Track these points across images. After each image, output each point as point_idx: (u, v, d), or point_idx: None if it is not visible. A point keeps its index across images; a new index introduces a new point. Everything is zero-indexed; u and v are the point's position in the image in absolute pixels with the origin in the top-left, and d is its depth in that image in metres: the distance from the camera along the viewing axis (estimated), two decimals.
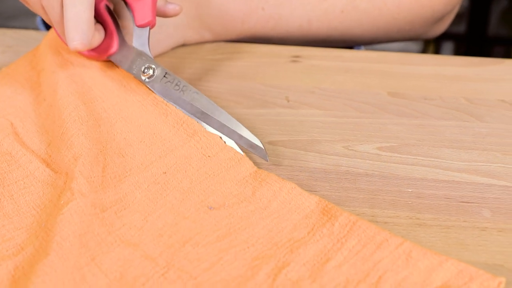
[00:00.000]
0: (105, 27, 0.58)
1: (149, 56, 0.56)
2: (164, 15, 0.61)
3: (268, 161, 0.50)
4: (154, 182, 0.47)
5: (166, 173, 0.48)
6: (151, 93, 0.55)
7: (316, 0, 0.69)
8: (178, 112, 0.53)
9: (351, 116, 0.57)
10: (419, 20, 0.72)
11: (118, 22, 0.58)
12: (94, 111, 0.54)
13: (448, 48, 1.95)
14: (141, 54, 0.56)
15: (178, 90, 0.54)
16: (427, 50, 1.89)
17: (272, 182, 0.46)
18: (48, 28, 0.86)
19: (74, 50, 0.53)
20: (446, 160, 0.51)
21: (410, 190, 0.48)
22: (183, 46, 0.69)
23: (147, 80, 0.55)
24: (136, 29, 0.57)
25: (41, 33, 0.72)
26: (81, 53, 0.58)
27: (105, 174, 0.48)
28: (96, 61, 0.58)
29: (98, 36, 0.56)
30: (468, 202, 0.47)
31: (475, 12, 1.75)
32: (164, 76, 0.55)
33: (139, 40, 0.57)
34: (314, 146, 0.53)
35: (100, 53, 0.57)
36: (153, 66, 0.55)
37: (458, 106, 0.58)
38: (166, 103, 0.54)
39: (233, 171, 0.48)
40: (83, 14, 0.52)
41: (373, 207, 0.47)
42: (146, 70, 0.55)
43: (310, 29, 0.70)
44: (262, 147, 0.50)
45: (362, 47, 0.86)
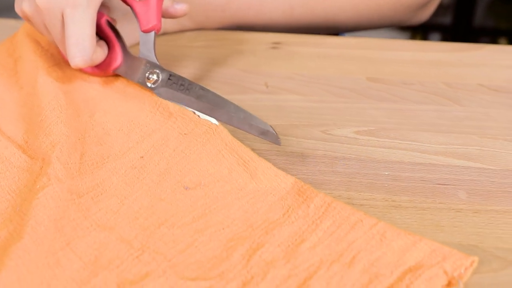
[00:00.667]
0: (107, 42, 0.57)
1: (153, 61, 0.55)
2: (172, 16, 0.60)
3: (280, 145, 0.49)
4: (132, 167, 0.47)
5: (143, 157, 0.48)
6: (131, 82, 0.55)
7: None
8: (154, 96, 0.53)
9: (330, 101, 0.57)
10: (402, 6, 0.72)
11: (120, 35, 0.57)
12: (74, 101, 0.54)
13: (435, 39, 1.95)
14: (145, 62, 0.55)
15: (183, 89, 0.53)
16: None
17: (248, 160, 0.47)
18: None
19: (75, 67, 0.52)
20: (423, 143, 0.51)
21: (386, 173, 0.48)
22: (164, 34, 0.69)
23: (153, 86, 0.54)
24: (141, 34, 0.56)
25: (19, 21, 0.71)
26: (84, 70, 0.57)
27: (82, 161, 0.48)
28: (101, 77, 0.57)
29: (101, 52, 0.55)
30: (444, 184, 0.47)
31: (461, 3, 1.76)
32: (168, 78, 0.54)
33: (145, 46, 0.56)
34: (291, 131, 0.53)
35: (104, 68, 0.57)
36: (156, 70, 0.55)
37: (437, 91, 0.58)
38: (144, 89, 0.54)
39: (209, 145, 0.48)
40: (84, 30, 0.52)
41: (349, 190, 0.47)
42: (150, 76, 0.55)
43: (292, 15, 0.70)
44: (274, 132, 0.49)
45: (346, 35, 0.86)
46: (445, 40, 1.91)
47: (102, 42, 0.57)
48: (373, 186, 0.47)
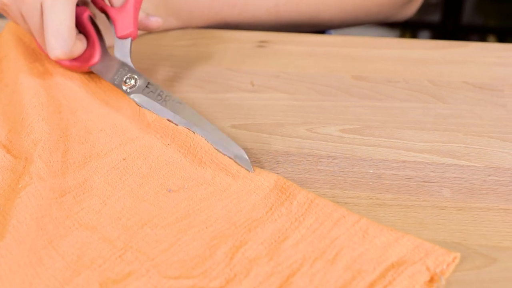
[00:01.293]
0: (87, 38, 0.57)
1: (131, 66, 0.55)
2: (146, 29, 0.60)
3: (253, 171, 0.47)
4: (114, 168, 0.47)
5: (126, 159, 0.48)
6: (112, 86, 0.55)
7: None
8: (132, 103, 0.53)
9: (315, 99, 0.57)
10: (387, 2, 0.72)
11: (101, 33, 0.57)
12: (55, 98, 0.54)
13: (424, 37, 1.96)
14: (123, 64, 0.55)
15: (161, 100, 0.52)
16: None
17: (228, 165, 0.47)
18: None
19: (55, 58, 0.52)
20: (408, 141, 0.52)
21: (371, 171, 0.48)
22: (148, 33, 0.68)
23: (129, 90, 0.54)
24: (117, 40, 0.56)
25: (3, 20, 0.71)
26: (62, 63, 0.57)
27: (65, 160, 0.48)
28: (77, 72, 0.57)
29: (80, 45, 0.55)
30: (428, 182, 0.47)
31: (450, 1, 1.76)
32: (146, 86, 0.54)
33: (121, 51, 0.55)
34: (277, 129, 0.53)
35: (82, 63, 0.56)
36: (135, 76, 0.54)
37: (421, 88, 0.58)
38: (124, 95, 0.54)
39: (190, 155, 0.48)
40: (64, 22, 0.51)
41: (334, 188, 0.47)
42: (128, 81, 0.54)
43: (277, 13, 0.70)
44: (247, 158, 0.47)
45: (332, 32, 0.86)
46: (434, 38, 1.92)
47: (82, 36, 0.57)
48: (357, 184, 0.47)
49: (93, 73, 0.57)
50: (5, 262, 0.39)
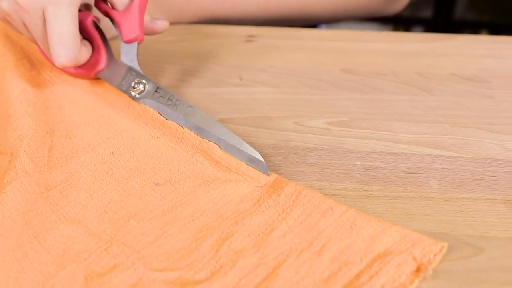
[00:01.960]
0: (92, 43, 0.55)
1: (139, 71, 0.54)
2: (151, 32, 0.59)
3: (269, 175, 0.46)
4: (101, 162, 0.47)
5: (113, 153, 0.48)
6: (112, 87, 0.54)
7: None
8: (124, 95, 0.53)
9: (303, 92, 0.57)
10: None
11: (106, 38, 0.56)
12: (42, 94, 0.53)
13: (417, 32, 1.96)
14: (130, 69, 0.54)
15: (171, 105, 0.51)
16: None
17: (218, 159, 0.47)
18: None
19: (60, 66, 0.51)
20: (396, 133, 0.52)
21: (358, 163, 0.48)
22: None
23: (138, 96, 0.53)
24: (123, 45, 0.54)
25: None
26: (68, 71, 0.56)
27: (51, 155, 0.48)
28: (84, 79, 0.56)
29: (86, 51, 0.54)
30: (416, 173, 0.47)
31: None
32: (155, 91, 0.52)
33: (127, 56, 0.54)
34: (264, 123, 0.53)
35: (87, 69, 0.55)
36: (143, 81, 0.53)
37: (410, 81, 0.58)
38: (114, 88, 0.53)
39: (180, 150, 0.48)
40: (67, 28, 0.50)
41: (321, 180, 0.47)
42: (136, 86, 0.53)
43: (267, 8, 0.70)
44: (263, 161, 0.46)
45: (324, 27, 0.86)
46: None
47: (86, 42, 0.55)
48: (344, 176, 0.47)
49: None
50: None
